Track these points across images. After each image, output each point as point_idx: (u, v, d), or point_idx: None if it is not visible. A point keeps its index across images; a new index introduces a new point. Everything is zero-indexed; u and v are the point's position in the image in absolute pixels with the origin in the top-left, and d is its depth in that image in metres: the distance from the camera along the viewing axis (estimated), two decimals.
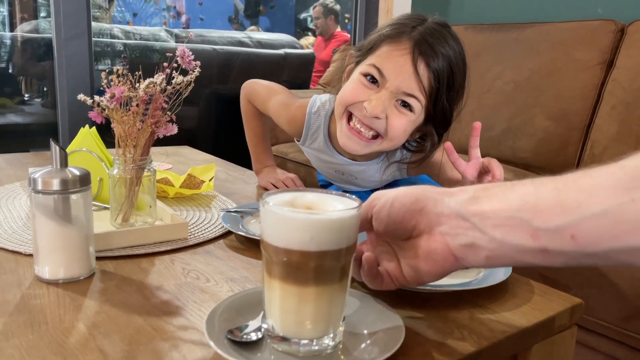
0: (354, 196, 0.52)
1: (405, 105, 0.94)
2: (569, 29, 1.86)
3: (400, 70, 0.93)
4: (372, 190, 1.20)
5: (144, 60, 2.51)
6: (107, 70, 0.75)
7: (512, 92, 1.91)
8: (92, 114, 0.76)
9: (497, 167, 0.89)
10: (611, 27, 1.76)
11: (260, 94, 1.23)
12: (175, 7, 7.89)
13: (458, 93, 0.97)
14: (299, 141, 1.18)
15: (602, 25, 1.79)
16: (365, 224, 0.54)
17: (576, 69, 1.78)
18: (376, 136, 0.97)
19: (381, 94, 0.93)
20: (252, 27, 6.92)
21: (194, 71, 0.80)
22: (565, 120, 1.76)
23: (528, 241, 0.42)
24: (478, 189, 0.47)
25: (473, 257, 0.46)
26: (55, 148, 0.63)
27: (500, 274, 0.69)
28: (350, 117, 0.98)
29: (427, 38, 0.92)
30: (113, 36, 2.54)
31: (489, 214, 0.44)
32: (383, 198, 0.52)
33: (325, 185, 1.36)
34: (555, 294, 0.68)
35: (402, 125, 0.95)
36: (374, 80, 0.95)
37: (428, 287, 0.65)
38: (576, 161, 1.74)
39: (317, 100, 1.12)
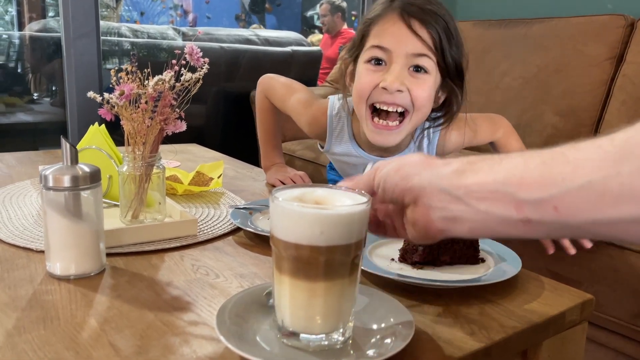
0: (362, 191, 0.52)
1: (419, 69, 0.95)
2: (577, 24, 1.85)
3: (399, 36, 0.94)
4: None
5: (151, 59, 2.53)
6: (116, 68, 0.76)
7: (520, 89, 1.89)
8: (101, 111, 0.76)
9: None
10: (621, 22, 1.75)
11: (279, 91, 1.22)
12: (182, 6, 7.91)
13: (459, 48, 0.98)
14: (322, 148, 1.18)
15: (611, 20, 1.77)
16: (370, 191, 0.54)
17: (585, 65, 1.77)
18: (402, 114, 0.97)
19: (393, 67, 0.94)
20: (255, 25, 6.93)
21: (202, 68, 0.80)
22: (575, 116, 1.75)
23: (512, 213, 0.42)
24: (464, 162, 0.47)
25: (456, 228, 0.47)
26: (65, 145, 0.64)
27: (511, 270, 0.69)
28: (373, 113, 0.99)
29: (409, 2, 0.95)
30: (121, 35, 2.55)
31: (474, 187, 0.44)
32: (379, 173, 0.52)
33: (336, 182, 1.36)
34: (566, 290, 0.67)
35: (425, 91, 0.96)
36: (379, 62, 0.96)
37: (438, 283, 0.65)
38: None
39: (335, 101, 1.12)
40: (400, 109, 0.97)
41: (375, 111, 0.98)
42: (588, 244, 0.98)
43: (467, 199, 0.45)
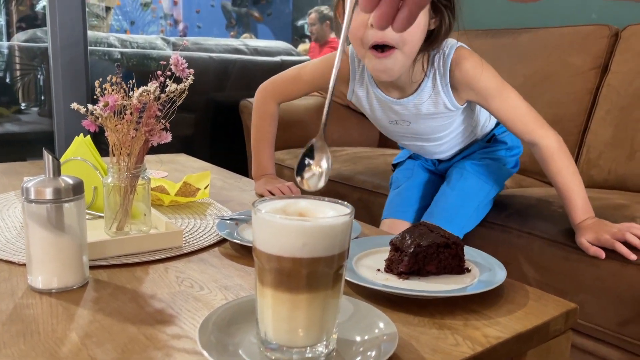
0: (346, 202, 0.52)
1: None
2: (563, 35, 1.87)
3: None
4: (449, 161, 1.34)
5: (141, 69, 2.52)
6: (100, 80, 0.76)
7: None
8: (85, 123, 0.76)
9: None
10: (605, 32, 1.77)
11: (289, 73, 1.29)
12: (172, 15, 7.92)
13: None
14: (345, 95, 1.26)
15: (596, 30, 1.80)
16: None
17: (571, 74, 1.79)
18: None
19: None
20: (246, 35, 6.95)
21: (187, 79, 0.80)
22: (561, 125, 1.77)
23: None
24: None
25: None
26: (48, 157, 0.63)
27: (496, 279, 0.69)
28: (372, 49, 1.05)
29: None
30: (110, 45, 2.55)
31: None
32: None
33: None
34: (550, 299, 0.68)
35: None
36: None
37: (423, 293, 0.65)
38: None
39: (352, 48, 1.19)
40: (391, 43, 1.03)
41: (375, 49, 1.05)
42: (632, 256, 1.03)
43: None
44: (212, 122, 2.71)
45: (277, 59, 2.81)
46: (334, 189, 1.75)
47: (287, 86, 1.30)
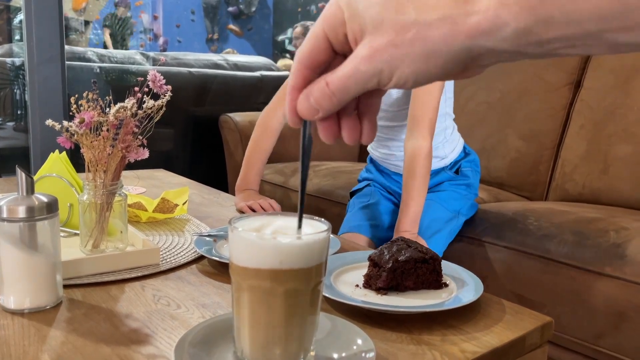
0: (323, 219, 0.52)
1: None
2: None
3: None
4: None
5: (120, 84, 2.50)
6: (76, 96, 0.75)
7: (485, 113, 1.94)
8: (60, 139, 0.75)
9: None
10: None
11: (272, 99, 1.29)
12: (152, 30, 7.90)
13: None
14: None
15: None
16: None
17: (546, 90, 1.83)
18: None
19: None
20: (229, 50, 6.97)
21: (165, 95, 0.80)
22: (537, 140, 1.80)
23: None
24: None
25: None
26: (21, 175, 0.62)
27: (473, 294, 0.69)
28: None
29: None
30: (88, 59, 2.52)
31: None
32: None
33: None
34: (527, 313, 0.68)
35: None
36: None
37: (401, 309, 0.66)
38: (548, 179, 1.77)
39: None
40: None
41: None
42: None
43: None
44: (191, 138, 2.69)
45: (257, 74, 2.81)
46: (313, 204, 1.76)
47: (266, 122, 1.30)
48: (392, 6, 0.33)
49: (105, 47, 7.09)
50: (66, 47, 1.97)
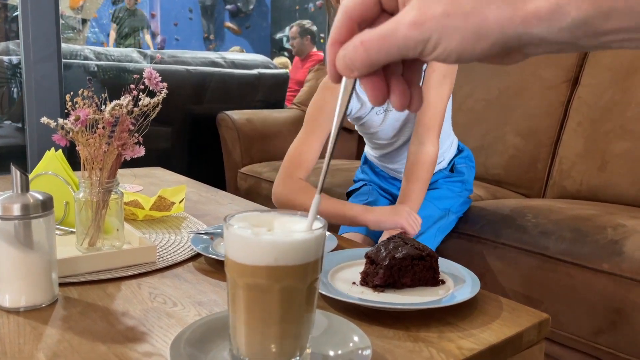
0: (319, 216, 0.51)
1: None
2: None
3: None
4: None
5: (117, 82, 2.49)
6: (72, 93, 0.75)
7: (483, 111, 1.94)
8: (55, 137, 0.75)
9: None
10: None
11: (294, 145, 1.21)
12: (150, 28, 7.89)
13: None
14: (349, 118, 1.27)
15: None
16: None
17: (543, 88, 1.83)
18: None
19: None
20: (235, 48, 6.92)
21: (161, 93, 0.79)
22: (534, 137, 1.80)
23: None
24: None
25: None
26: (15, 172, 0.62)
27: (470, 291, 0.69)
28: None
29: None
30: (85, 58, 2.52)
31: None
32: None
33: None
34: (524, 310, 0.68)
35: None
36: None
37: (398, 306, 0.65)
38: (545, 176, 1.77)
39: None
40: None
41: None
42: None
43: None
44: (189, 135, 2.69)
45: (255, 71, 2.81)
46: None
47: (299, 156, 1.18)
48: None
49: (117, 44, 7.06)
50: (63, 45, 1.97)
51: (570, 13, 0.29)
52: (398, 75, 0.37)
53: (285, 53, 7.55)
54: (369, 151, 1.47)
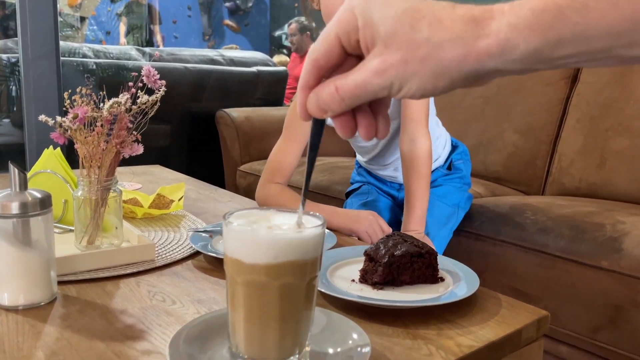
0: (318, 214, 0.51)
1: None
2: None
3: None
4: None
5: (116, 80, 2.49)
6: (70, 91, 0.74)
7: (482, 107, 1.94)
8: (54, 135, 0.75)
9: None
10: None
11: (273, 152, 1.23)
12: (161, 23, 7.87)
13: None
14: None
15: None
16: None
17: (542, 84, 1.83)
18: None
19: None
20: (232, 45, 6.93)
21: (159, 90, 0.79)
22: (533, 134, 1.80)
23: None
24: None
25: None
26: (13, 170, 0.62)
27: (469, 289, 0.69)
28: None
29: None
30: (84, 55, 2.51)
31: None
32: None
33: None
34: (522, 307, 0.68)
35: None
36: None
37: (397, 304, 0.65)
38: (544, 174, 1.77)
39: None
40: None
41: None
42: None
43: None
44: (188, 133, 2.68)
45: (254, 69, 2.80)
46: (310, 199, 1.75)
47: (278, 162, 1.21)
48: (407, 21, 0.34)
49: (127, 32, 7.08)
50: (61, 42, 1.96)
51: (519, 46, 0.31)
52: (365, 107, 0.40)
53: (284, 50, 7.54)
54: (358, 157, 1.47)
